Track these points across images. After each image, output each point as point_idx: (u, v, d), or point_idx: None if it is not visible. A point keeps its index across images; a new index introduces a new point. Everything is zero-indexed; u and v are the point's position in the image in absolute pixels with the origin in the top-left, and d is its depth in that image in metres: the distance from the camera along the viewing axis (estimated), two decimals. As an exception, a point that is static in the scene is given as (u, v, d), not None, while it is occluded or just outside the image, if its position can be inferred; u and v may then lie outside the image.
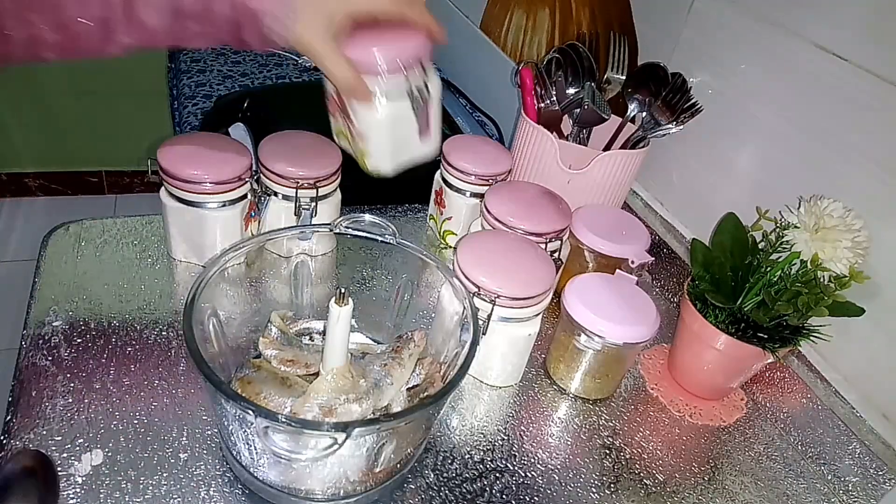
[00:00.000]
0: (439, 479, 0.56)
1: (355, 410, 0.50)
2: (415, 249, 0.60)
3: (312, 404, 0.50)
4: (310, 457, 0.41)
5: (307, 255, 0.65)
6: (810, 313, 0.59)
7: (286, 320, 0.62)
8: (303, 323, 0.64)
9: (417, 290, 0.64)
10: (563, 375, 0.68)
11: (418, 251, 0.60)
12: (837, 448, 0.65)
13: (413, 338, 0.58)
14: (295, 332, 0.62)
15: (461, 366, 0.49)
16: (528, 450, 0.60)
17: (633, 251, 0.73)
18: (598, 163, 0.78)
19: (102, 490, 0.50)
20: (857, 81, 0.63)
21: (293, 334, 0.61)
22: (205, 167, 0.66)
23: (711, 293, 0.63)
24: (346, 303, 0.49)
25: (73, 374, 0.58)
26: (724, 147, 0.79)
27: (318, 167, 0.70)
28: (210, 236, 0.70)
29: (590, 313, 0.62)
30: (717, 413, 0.69)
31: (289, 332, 0.60)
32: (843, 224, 0.59)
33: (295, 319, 0.63)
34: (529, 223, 0.69)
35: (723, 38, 0.78)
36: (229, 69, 1.30)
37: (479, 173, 0.78)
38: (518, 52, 1.08)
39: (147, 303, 0.67)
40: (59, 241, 0.72)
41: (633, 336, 0.62)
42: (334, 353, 0.51)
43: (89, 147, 2.12)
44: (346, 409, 0.50)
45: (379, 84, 0.55)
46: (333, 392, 0.51)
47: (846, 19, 0.64)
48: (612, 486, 0.59)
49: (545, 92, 0.85)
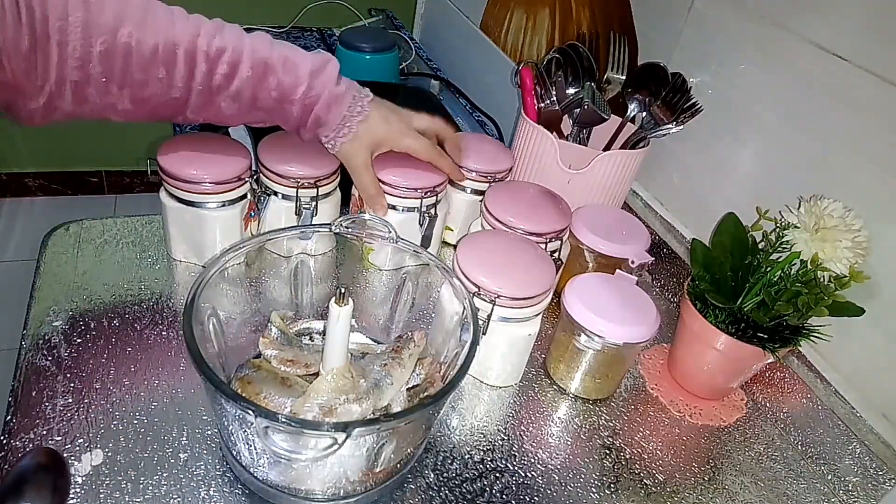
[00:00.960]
0: (439, 479, 0.56)
1: (355, 410, 0.50)
2: (415, 249, 0.60)
3: (312, 404, 0.50)
4: (310, 457, 0.41)
5: (307, 254, 0.65)
6: (810, 313, 0.59)
7: (286, 320, 0.62)
8: (303, 323, 0.64)
9: (417, 289, 0.64)
10: (563, 375, 0.67)
11: (418, 251, 0.60)
12: (837, 448, 0.65)
13: (413, 338, 0.58)
14: (295, 332, 0.62)
15: (461, 366, 0.49)
16: (528, 450, 0.60)
17: (633, 251, 0.73)
18: (598, 163, 0.78)
19: (102, 490, 0.49)
20: (857, 81, 0.63)
21: (293, 334, 0.61)
22: (204, 167, 0.66)
23: (711, 293, 0.63)
24: (346, 302, 0.49)
25: (73, 374, 0.58)
26: (724, 147, 0.79)
27: (319, 166, 0.70)
28: (210, 236, 0.70)
29: (590, 313, 0.62)
30: (717, 413, 0.69)
31: (289, 332, 0.60)
32: (843, 224, 0.59)
33: (295, 319, 0.63)
34: (529, 223, 0.69)
35: (723, 39, 0.78)
36: (229, 69, 1.30)
37: (480, 170, 0.78)
38: (518, 52, 1.08)
39: (147, 303, 0.67)
40: (59, 241, 0.72)
41: (633, 336, 0.62)
42: (334, 353, 0.51)
43: (89, 147, 2.12)
44: (346, 409, 0.50)
45: (395, 199, 0.72)
46: (333, 392, 0.51)
47: (846, 19, 0.64)
48: (612, 486, 0.59)
49: (545, 92, 0.85)
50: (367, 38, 1.19)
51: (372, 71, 1.18)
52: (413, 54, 1.41)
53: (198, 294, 0.49)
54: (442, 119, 0.74)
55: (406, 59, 1.38)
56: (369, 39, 1.19)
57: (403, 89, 1.14)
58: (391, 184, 0.71)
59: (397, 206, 0.73)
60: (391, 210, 0.73)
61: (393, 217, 0.73)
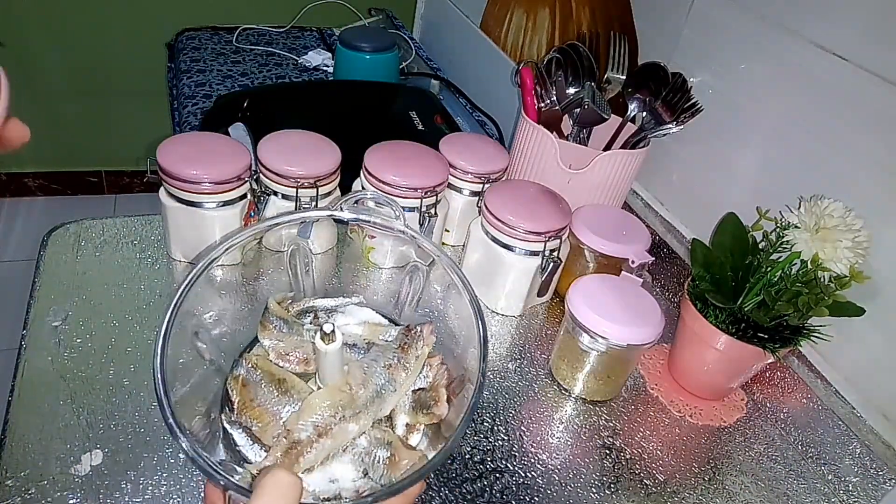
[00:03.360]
0: (439, 480, 0.56)
1: (352, 430, 0.48)
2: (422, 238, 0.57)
3: (307, 423, 0.48)
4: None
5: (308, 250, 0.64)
6: (811, 313, 0.59)
7: (285, 302, 0.58)
8: (306, 302, 0.60)
9: (427, 277, 0.63)
10: (567, 376, 0.67)
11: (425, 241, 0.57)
12: (838, 448, 0.65)
13: (422, 334, 0.56)
14: (297, 312, 0.58)
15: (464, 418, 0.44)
16: (529, 450, 0.60)
17: (633, 251, 0.73)
18: (598, 163, 0.78)
19: (102, 490, 0.49)
20: (858, 81, 0.63)
21: (294, 315, 0.58)
22: (204, 167, 0.66)
23: (712, 293, 0.63)
24: (333, 340, 0.46)
25: (72, 373, 0.58)
26: (725, 147, 0.79)
27: (318, 166, 0.70)
28: (209, 236, 0.70)
29: (594, 314, 0.62)
30: (717, 413, 0.69)
31: (287, 315, 0.57)
32: (843, 224, 0.59)
33: (295, 300, 0.60)
34: (529, 222, 0.69)
35: (723, 38, 0.78)
36: (229, 69, 1.30)
37: (477, 171, 0.78)
38: (518, 52, 1.08)
39: (146, 303, 0.67)
40: (58, 240, 0.72)
41: (637, 338, 0.61)
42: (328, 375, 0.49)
43: (89, 147, 2.11)
44: (341, 428, 0.48)
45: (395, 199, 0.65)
46: (329, 409, 0.49)
47: (847, 19, 0.64)
48: (613, 486, 0.59)
49: (545, 92, 0.84)
50: (366, 38, 1.19)
51: (372, 71, 1.18)
52: (413, 54, 1.41)
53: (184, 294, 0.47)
54: None
55: (406, 58, 1.38)
56: (369, 39, 1.19)
57: (403, 89, 1.14)
58: (391, 184, 0.71)
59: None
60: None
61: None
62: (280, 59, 1.37)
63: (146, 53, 1.90)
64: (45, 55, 1.86)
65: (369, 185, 0.73)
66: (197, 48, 1.35)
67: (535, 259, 0.72)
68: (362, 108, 1.05)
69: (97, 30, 1.86)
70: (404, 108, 1.04)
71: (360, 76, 1.18)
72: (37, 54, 1.85)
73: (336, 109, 1.03)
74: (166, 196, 0.68)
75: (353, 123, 0.98)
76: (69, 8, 1.80)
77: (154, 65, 1.85)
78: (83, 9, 1.81)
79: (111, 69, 1.95)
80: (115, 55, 1.92)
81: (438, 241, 0.80)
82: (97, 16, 1.84)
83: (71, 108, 2.00)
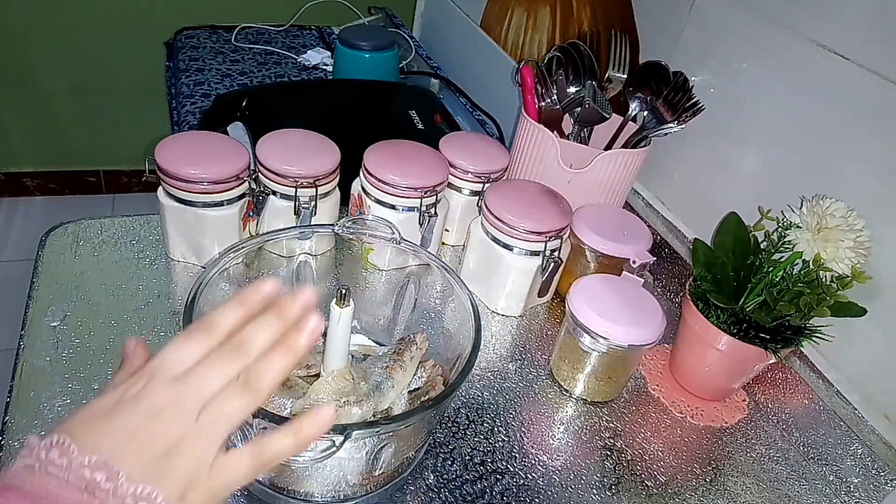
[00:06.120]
0: (439, 481, 0.56)
1: (355, 413, 0.50)
2: (417, 250, 0.59)
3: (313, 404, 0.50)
4: (308, 458, 0.40)
5: (309, 254, 0.65)
6: (812, 314, 0.59)
7: None
8: None
9: (420, 289, 0.64)
10: (568, 377, 0.67)
11: (421, 252, 0.59)
12: (839, 449, 0.65)
13: (415, 340, 0.58)
14: None
15: (462, 369, 0.48)
16: (529, 451, 0.60)
17: (634, 251, 0.73)
18: (599, 162, 0.78)
19: (100, 492, 0.49)
20: (860, 81, 0.63)
21: None
22: (202, 166, 0.65)
23: (713, 293, 0.63)
24: (347, 304, 0.48)
25: (71, 374, 0.58)
26: (726, 146, 0.79)
27: (318, 165, 0.70)
28: (208, 236, 0.69)
29: (595, 315, 0.62)
30: (718, 414, 0.68)
31: None
32: (845, 224, 0.58)
33: None
34: (530, 222, 0.69)
35: (725, 37, 0.78)
36: (228, 68, 1.29)
37: (477, 171, 0.78)
38: (519, 51, 1.08)
39: (145, 303, 0.67)
40: (56, 240, 0.72)
41: (639, 338, 0.61)
42: (335, 355, 0.51)
43: (87, 146, 2.11)
44: (346, 411, 0.50)
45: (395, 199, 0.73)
46: (334, 394, 0.50)
47: (848, 18, 0.64)
48: (614, 487, 0.58)
49: (546, 91, 0.84)
50: (366, 37, 1.18)
51: (371, 70, 1.17)
52: (413, 53, 1.41)
53: (198, 295, 0.49)
54: None
55: (406, 57, 1.38)
56: (369, 38, 1.18)
57: (403, 88, 1.13)
58: (391, 184, 0.71)
59: (397, 206, 0.73)
60: (391, 210, 0.73)
61: (393, 217, 0.72)
62: (279, 57, 1.36)
63: (144, 52, 1.89)
64: (43, 54, 1.86)
65: (369, 184, 0.73)
66: (195, 47, 1.35)
67: (536, 259, 0.71)
68: (362, 108, 1.05)
69: (95, 29, 1.86)
70: (404, 107, 1.04)
71: (359, 75, 1.17)
72: (35, 53, 1.85)
73: (335, 109, 1.03)
74: (165, 196, 0.68)
75: (352, 123, 0.98)
76: (67, 7, 1.80)
77: (152, 64, 1.85)
78: (81, 8, 1.81)
79: (109, 68, 1.94)
80: (113, 54, 1.92)
81: (438, 240, 0.79)
82: (95, 15, 1.83)
83: (69, 108, 2.00)
